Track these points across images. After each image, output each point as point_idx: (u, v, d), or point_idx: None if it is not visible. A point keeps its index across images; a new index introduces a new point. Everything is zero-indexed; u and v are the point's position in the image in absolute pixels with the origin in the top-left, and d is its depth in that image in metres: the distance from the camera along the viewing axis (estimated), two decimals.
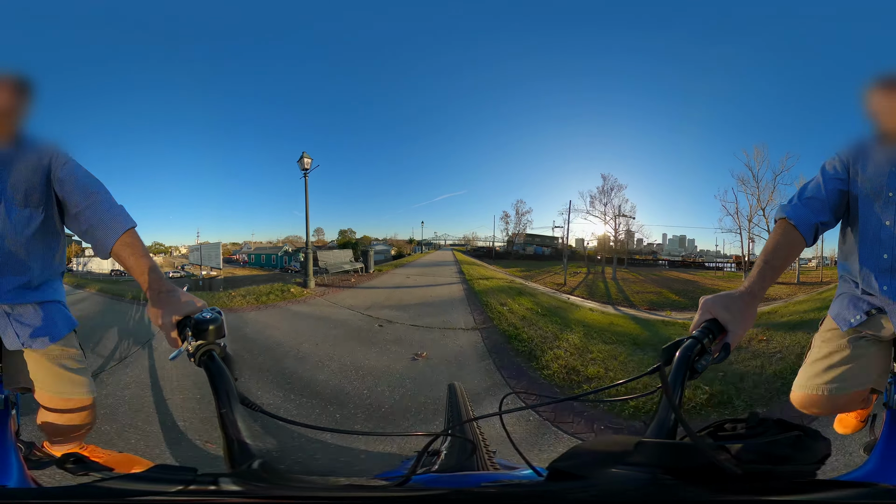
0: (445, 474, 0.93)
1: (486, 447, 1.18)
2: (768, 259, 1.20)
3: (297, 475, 0.77)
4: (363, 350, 4.79)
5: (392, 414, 3.27)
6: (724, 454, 0.63)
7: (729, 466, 0.60)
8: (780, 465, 0.61)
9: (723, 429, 0.70)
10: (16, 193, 1.32)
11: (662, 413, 0.77)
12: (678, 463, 0.65)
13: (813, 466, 0.62)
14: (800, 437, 0.63)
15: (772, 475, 0.61)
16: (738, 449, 0.63)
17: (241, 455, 0.81)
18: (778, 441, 0.63)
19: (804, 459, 0.62)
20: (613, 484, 0.64)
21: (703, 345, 0.89)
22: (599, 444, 0.71)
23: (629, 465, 0.65)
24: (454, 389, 1.62)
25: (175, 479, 0.67)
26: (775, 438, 0.63)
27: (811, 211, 1.35)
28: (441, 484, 0.83)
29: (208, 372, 0.95)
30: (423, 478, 0.81)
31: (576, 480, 0.66)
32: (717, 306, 0.98)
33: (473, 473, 0.97)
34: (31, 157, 1.34)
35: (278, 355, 4.53)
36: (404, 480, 0.73)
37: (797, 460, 0.62)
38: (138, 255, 1.24)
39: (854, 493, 0.64)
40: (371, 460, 2.50)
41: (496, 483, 0.90)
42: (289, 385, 3.72)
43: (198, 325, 1.03)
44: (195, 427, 2.84)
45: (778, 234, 1.31)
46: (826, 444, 0.64)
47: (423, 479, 0.81)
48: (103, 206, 1.32)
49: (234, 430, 0.84)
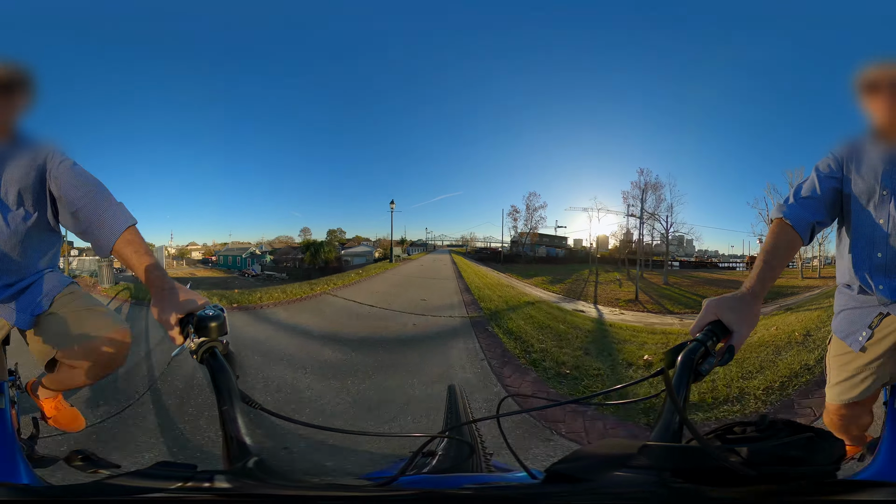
0: (434, 476, 0.92)
1: (483, 450, 1.17)
2: (767, 259, 1.21)
3: (288, 474, 0.78)
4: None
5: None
6: (735, 457, 0.62)
7: (742, 469, 0.60)
8: (796, 466, 0.61)
9: (731, 431, 0.69)
10: (9, 192, 1.30)
11: (667, 416, 0.77)
12: (687, 466, 0.65)
13: (831, 467, 0.62)
14: (812, 439, 0.63)
15: (789, 477, 0.60)
16: (748, 451, 0.62)
17: (239, 453, 0.82)
18: (791, 443, 0.62)
19: (819, 461, 0.62)
20: (617, 486, 0.64)
21: (706, 347, 0.88)
22: (602, 448, 0.72)
23: (634, 469, 0.65)
24: (453, 391, 1.61)
25: (175, 475, 0.68)
26: (788, 440, 0.62)
27: (807, 210, 1.36)
28: (428, 485, 0.83)
29: (210, 369, 0.95)
30: (411, 479, 0.80)
31: (574, 483, 0.67)
32: (723, 308, 0.98)
33: (463, 475, 0.96)
34: (27, 156, 1.32)
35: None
36: (390, 481, 0.73)
37: (812, 462, 0.61)
38: (140, 252, 1.24)
39: (877, 494, 0.64)
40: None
41: (483, 485, 0.90)
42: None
43: (200, 323, 1.03)
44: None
45: (775, 233, 1.32)
46: (840, 444, 0.63)
47: (411, 480, 0.80)
48: (102, 204, 1.29)
49: (234, 428, 0.85)
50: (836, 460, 0.62)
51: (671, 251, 13.57)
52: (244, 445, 0.83)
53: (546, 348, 5.06)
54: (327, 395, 3.63)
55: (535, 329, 6.06)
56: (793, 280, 11.32)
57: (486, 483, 0.94)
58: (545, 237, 15.62)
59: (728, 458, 0.62)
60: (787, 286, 10.28)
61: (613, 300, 9.77)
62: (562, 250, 15.85)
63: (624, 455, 0.67)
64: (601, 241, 15.01)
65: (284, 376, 3.99)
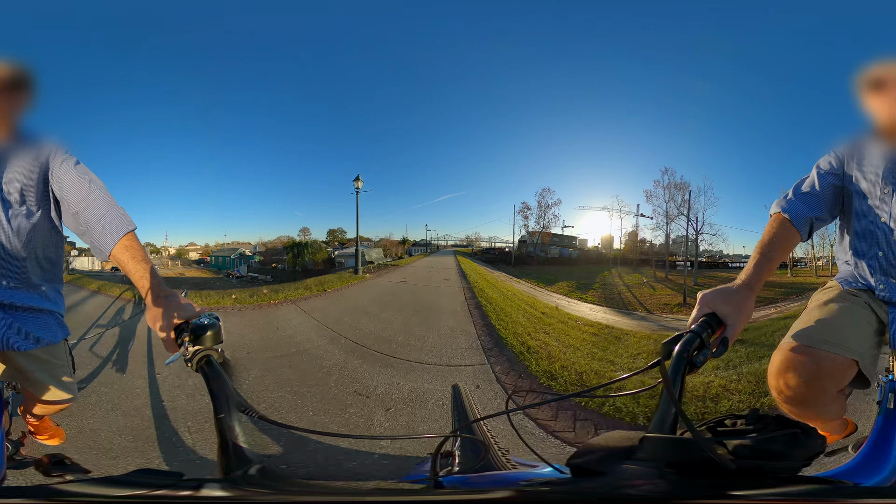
0: (472, 475, 0.92)
1: (497, 447, 1.17)
2: (764, 252, 1.21)
3: (301, 480, 0.79)
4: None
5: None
6: (722, 449, 0.65)
7: (724, 461, 0.62)
8: (773, 461, 0.63)
9: (723, 424, 0.71)
10: (11, 190, 1.30)
11: (664, 407, 0.78)
12: (679, 458, 0.67)
13: (800, 463, 0.64)
14: (796, 435, 0.64)
15: (761, 471, 0.62)
16: (735, 444, 0.64)
17: (236, 461, 0.80)
18: (774, 438, 0.64)
19: (797, 456, 0.63)
20: (629, 479, 0.66)
21: (702, 339, 0.90)
22: (608, 441, 0.74)
23: (637, 461, 0.68)
24: (458, 391, 1.60)
25: (154, 483, 0.66)
26: (772, 435, 0.64)
27: (806, 206, 1.35)
28: (472, 485, 0.82)
29: (206, 377, 0.94)
30: (451, 479, 0.81)
31: (596, 477, 0.68)
32: (717, 300, 0.99)
33: (500, 473, 0.96)
34: (29, 154, 1.32)
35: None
36: (435, 483, 0.72)
37: (790, 457, 0.63)
38: (138, 259, 1.23)
39: (827, 489, 0.66)
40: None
41: (525, 482, 0.90)
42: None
43: (195, 331, 1.01)
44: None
45: (773, 228, 1.31)
46: (821, 441, 0.65)
47: (452, 481, 0.80)
48: (103, 207, 1.29)
49: (230, 436, 0.83)
50: (811, 456, 0.64)
51: (678, 252, 13.21)
52: (243, 453, 0.81)
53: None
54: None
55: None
56: (809, 277, 11.12)
57: (524, 480, 0.94)
58: (556, 237, 14.80)
59: (716, 450, 0.64)
60: (809, 283, 9.98)
61: (662, 306, 9.04)
62: (574, 251, 15.10)
63: (629, 447, 0.70)
64: (605, 241, 14.64)
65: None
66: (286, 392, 3.55)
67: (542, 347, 5.10)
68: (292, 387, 3.68)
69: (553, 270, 13.37)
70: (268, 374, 3.97)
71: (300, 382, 3.80)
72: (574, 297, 10.22)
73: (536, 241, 14.64)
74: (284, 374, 4.01)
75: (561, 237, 14.73)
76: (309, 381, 3.83)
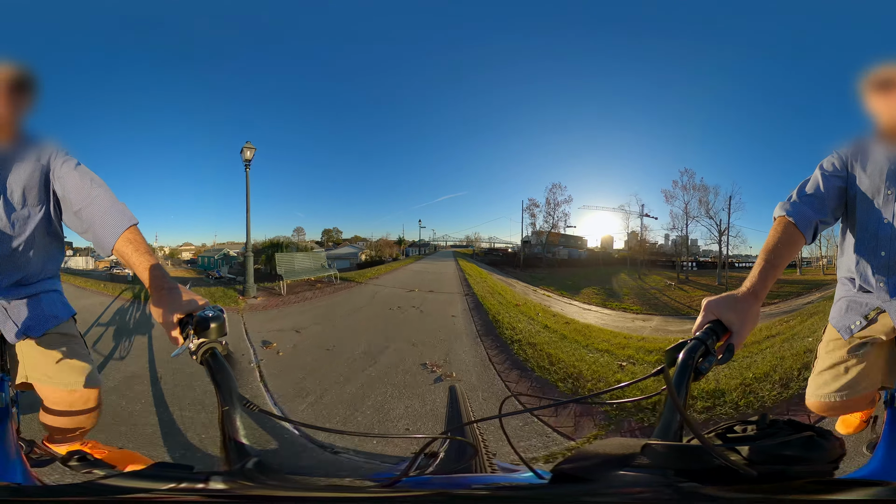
0: (440, 476, 0.92)
1: (486, 450, 1.16)
2: (769, 258, 1.18)
3: (289, 475, 0.77)
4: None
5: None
6: (735, 456, 0.63)
7: (743, 468, 0.60)
8: (794, 465, 0.61)
9: (731, 430, 0.69)
10: (14, 192, 1.32)
11: (668, 415, 0.77)
12: (690, 465, 0.64)
13: (829, 466, 0.62)
14: (812, 438, 0.62)
15: (786, 475, 0.60)
16: (748, 450, 0.62)
17: (238, 454, 0.81)
18: (790, 442, 0.62)
19: (818, 459, 0.61)
20: (623, 486, 0.64)
21: (706, 346, 0.88)
22: (605, 447, 0.71)
23: (637, 468, 0.65)
24: (455, 392, 1.60)
25: (171, 476, 0.68)
26: (787, 439, 0.62)
27: (811, 209, 1.34)
28: (432, 486, 0.82)
29: (210, 370, 0.95)
30: (415, 479, 0.80)
31: (580, 483, 0.66)
32: (722, 307, 0.97)
33: (469, 476, 0.96)
34: (31, 156, 1.34)
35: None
36: (394, 481, 0.72)
37: (811, 461, 0.61)
38: (141, 252, 1.25)
39: (874, 493, 0.63)
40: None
41: (490, 485, 0.89)
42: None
43: (200, 323, 1.02)
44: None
45: (778, 232, 1.29)
46: (839, 443, 0.63)
47: (415, 481, 0.80)
48: (104, 204, 1.31)
49: (233, 429, 0.84)
50: (835, 459, 0.62)
51: (677, 252, 12.92)
52: (243, 446, 0.82)
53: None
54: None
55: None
56: (818, 276, 11.09)
57: (492, 483, 0.93)
58: (563, 237, 13.75)
59: (729, 456, 0.61)
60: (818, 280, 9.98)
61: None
62: (584, 251, 14.40)
63: (627, 454, 0.67)
64: (605, 241, 14.27)
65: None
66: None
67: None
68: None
69: (567, 274, 12.12)
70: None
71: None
72: (612, 306, 9.04)
73: (544, 241, 13.64)
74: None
75: (567, 237, 14.06)
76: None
